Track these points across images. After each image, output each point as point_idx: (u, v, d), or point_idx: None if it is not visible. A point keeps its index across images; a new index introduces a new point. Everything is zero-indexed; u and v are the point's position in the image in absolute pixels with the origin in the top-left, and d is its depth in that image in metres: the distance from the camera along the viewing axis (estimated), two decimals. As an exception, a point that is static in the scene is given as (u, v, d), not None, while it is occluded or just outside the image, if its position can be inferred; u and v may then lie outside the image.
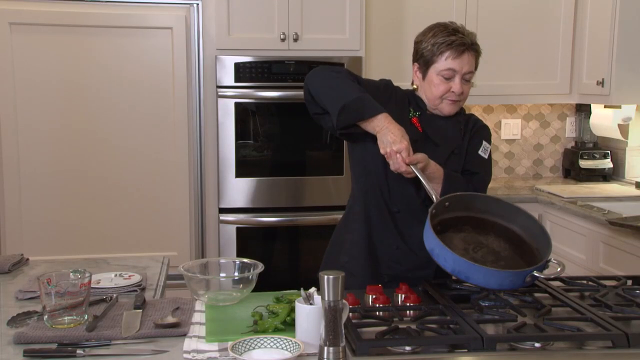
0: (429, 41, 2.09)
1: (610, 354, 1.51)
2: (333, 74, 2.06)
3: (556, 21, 4.01)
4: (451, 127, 2.18)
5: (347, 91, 1.98)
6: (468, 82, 2.11)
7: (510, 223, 1.92)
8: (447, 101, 2.11)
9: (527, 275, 1.71)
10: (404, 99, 2.18)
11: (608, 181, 4.09)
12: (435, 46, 2.06)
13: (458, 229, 1.92)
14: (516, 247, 1.90)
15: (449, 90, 2.08)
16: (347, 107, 1.95)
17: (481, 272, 1.71)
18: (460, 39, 2.05)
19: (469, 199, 1.95)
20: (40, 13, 3.48)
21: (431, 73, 2.10)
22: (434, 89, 2.10)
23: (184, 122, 3.65)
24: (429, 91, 2.12)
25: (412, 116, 2.15)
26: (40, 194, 3.58)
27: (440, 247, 1.75)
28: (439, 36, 2.07)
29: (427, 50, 2.09)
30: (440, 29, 2.09)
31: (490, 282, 1.71)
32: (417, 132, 2.13)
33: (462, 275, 1.72)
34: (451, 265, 1.72)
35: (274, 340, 1.53)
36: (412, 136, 2.08)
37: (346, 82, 2.02)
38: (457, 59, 2.05)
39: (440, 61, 2.07)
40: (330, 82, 2.03)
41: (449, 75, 2.07)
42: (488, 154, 2.23)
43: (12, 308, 1.88)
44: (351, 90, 1.98)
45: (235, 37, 3.58)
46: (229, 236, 3.65)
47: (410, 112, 2.16)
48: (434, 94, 2.11)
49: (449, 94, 2.09)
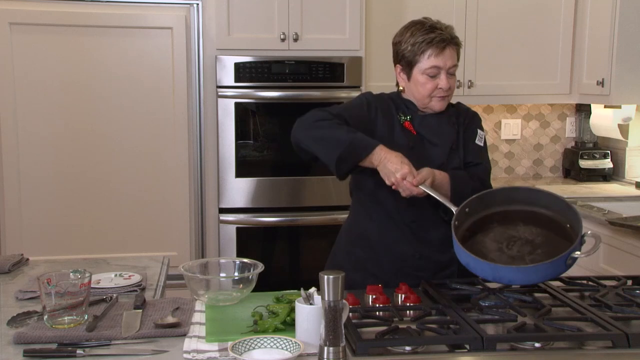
0: (408, 41, 2.08)
1: (610, 354, 1.51)
2: (317, 124, 2.02)
3: (556, 21, 4.01)
4: (445, 123, 2.17)
5: (336, 140, 1.96)
6: (453, 75, 2.11)
7: (534, 206, 1.90)
8: (436, 98, 2.11)
9: (568, 258, 1.71)
10: (390, 106, 2.17)
11: (608, 181, 4.09)
12: (416, 46, 2.06)
13: (485, 229, 1.91)
14: (548, 229, 1.87)
15: (436, 87, 2.08)
16: (342, 156, 1.96)
17: (521, 271, 1.71)
18: (440, 35, 2.05)
19: (487, 197, 1.94)
20: (40, 13, 3.48)
21: (416, 73, 2.09)
22: (421, 88, 2.09)
23: (184, 122, 3.65)
24: (416, 91, 2.12)
25: (403, 121, 2.14)
26: (40, 194, 3.58)
27: (474, 260, 1.75)
28: (417, 35, 2.06)
29: (407, 51, 2.08)
30: (417, 28, 2.08)
31: (535, 278, 1.71)
32: (411, 136, 2.13)
33: (505, 280, 1.73)
34: (491, 274, 1.73)
35: (274, 340, 1.53)
36: (407, 141, 2.10)
37: (332, 130, 1.99)
38: (439, 55, 2.05)
39: (423, 60, 2.06)
40: (317, 134, 2.00)
41: (434, 72, 2.06)
42: (484, 141, 2.24)
43: (12, 308, 1.87)
44: (340, 137, 1.96)
45: (235, 37, 3.58)
46: (229, 236, 3.65)
47: (400, 118, 2.15)
48: (423, 94, 2.10)
49: (437, 90, 2.09)
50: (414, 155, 2.07)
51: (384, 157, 1.93)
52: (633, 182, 3.90)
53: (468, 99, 4.01)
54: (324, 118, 2.03)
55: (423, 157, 2.11)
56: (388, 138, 2.09)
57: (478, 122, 2.26)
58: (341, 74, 3.63)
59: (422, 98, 2.11)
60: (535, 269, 1.71)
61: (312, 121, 2.04)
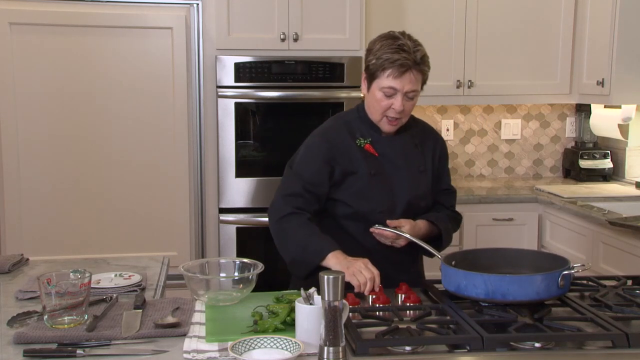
0: (375, 54, 2.05)
1: (610, 354, 1.51)
2: (283, 221, 2.06)
3: (556, 21, 4.01)
4: (409, 144, 2.17)
5: (294, 244, 2.03)
6: (411, 100, 2.07)
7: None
8: (386, 119, 2.09)
9: (560, 277, 1.71)
10: (345, 135, 2.13)
11: (608, 181, 4.09)
12: (380, 61, 2.03)
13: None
14: None
15: (390, 106, 2.05)
16: (296, 260, 2.02)
17: (515, 282, 1.70)
18: (404, 59, 2.00)
19: (472, 255, 1.97)
20: (40, 13, 3.48)
21: (374, 87, 2.07)
22: (376, 104, 2.08)
23: (184, 122, 3.65)
24: (371, 105, 2.11)
25: (363, 144, 2.12)
26: (40, 194, 3.57)
27: (465, 275, 1.75)
28: (384, 50, 2.03)
29: (372, 63, 2.06)
30: (388, 44, 2.04)
31: (528, 291, 1.69)
32: (373, 160, 2.11)
33: (498, 295, 1.70)
34: (483, 288, 1.71)
35: (274, 340, 1.53)
36: (368, 169, 2.09)
37: (293, 231, 2.03)
38: (398, 78, 2.02)
39: (382, 77, 2.04)
40: (280, 233, 2.06)
41: (390, 92, 2.04)
42: None
43: (12, 308, 1.88)
44: (297, 241, 2.01)
45: (235, 37, 3.58)
46: (229, 236, 3.65)
47: (359, 142, 2.12)
48: (376, 109, 2.09)
49: (389, 110, 2.06)
50: (376, 182, 2.09)
51: (338, 265, 1.93)
52: (633, 182, 3.90)
53: (468, 99, 4.03)
54: (291, 212, 2.05)
55: (387, 182, 2.11)
56: (352, 172, 2.09)
57: (444, 144, 2.30)
58: (341, 74, 3.63)
59: (375, 114, 2.10)
60: (529, 280, 1.71)
61: (278, 217, 2.07)
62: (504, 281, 1.70)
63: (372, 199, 2.09)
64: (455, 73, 3.96)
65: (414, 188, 2.14)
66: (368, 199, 2.09)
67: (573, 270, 1.74)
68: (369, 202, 2.09)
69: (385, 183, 2.11)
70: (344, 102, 3.62)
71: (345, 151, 2.11)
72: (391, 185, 2.11)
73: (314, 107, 3.64)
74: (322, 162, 2.10)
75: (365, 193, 2.09)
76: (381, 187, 2.10)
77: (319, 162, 2.10)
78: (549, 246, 3.64)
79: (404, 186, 2.12)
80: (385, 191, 2.11)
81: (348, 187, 2.10)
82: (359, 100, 3.64)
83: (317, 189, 2.09)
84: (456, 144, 4.35)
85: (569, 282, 1.75)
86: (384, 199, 2.10)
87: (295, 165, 2.14)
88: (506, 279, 1.71)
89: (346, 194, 2.11)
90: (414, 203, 2.14)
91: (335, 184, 2.11)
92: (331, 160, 2.10)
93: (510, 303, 1.71)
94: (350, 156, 2.11)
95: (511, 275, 1.73)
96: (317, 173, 2.10)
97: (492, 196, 3.78)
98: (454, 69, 3.95)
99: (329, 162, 2.10)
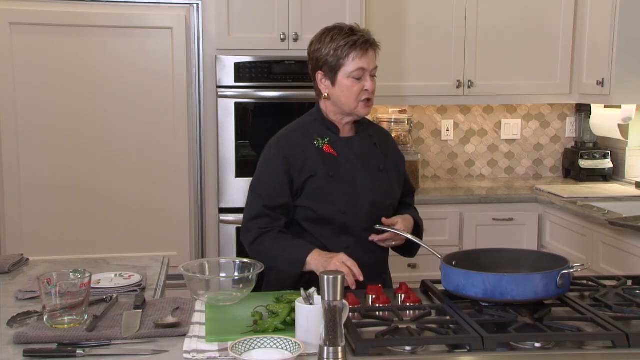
0: (328, 47, 2.05)
1: (610, 354, 1.51)
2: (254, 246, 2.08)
3: (556, 21, 4.00)
4: (367, 144, 2.17)
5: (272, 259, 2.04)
6: (374, 77, 2.10)
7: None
8: (362, 103, 2.08)
9: (559, 277, 1.71)
10: (300, 139, 2.13)
11: (608, 181, 4.09)
12: (339, 50, 2.03)
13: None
14: None
15: (362, 89, 2.06)
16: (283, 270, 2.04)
17: (514, 281, 1.70)
18: (362, 38, 2.04)
19: (472, 255, 1.98)
20: (40, 13, 3.48)
21: (341, 78, 2.06)
22: (348, 92, 2.06)
23: (184, 122, 3.65)
24: (343, 96, 2.08)
25: (321, 145, 2.11)
26: (40, 194, 3.57)
27: (465, 275, 1.75)
28: (338, 39, 2.04)
29: (330, 56, 2.05)
30: (336, 32, 2.06)
31: (527, 290, 1.69)
32: (332, 160, 2.11)
33: (496, 294, 1.70)
34: (482, 287, 1.71)
35: (274, 340, 1.53)
36: (326, 170, 2.08)
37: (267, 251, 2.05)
38: (364, 57, 2.04)
39: (347, 64, 2.04)
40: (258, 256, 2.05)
41: (359, 75, 2.05)
42: None
43: (12, 308, 1.88)
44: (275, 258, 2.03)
45: (235, 37, 3.58)
46: (229, 236, 3.65)
47: (318, 143, 2.12)
48: (350, 97, 2.07)
49: (362, 93, 2.06)
50: (336, 183, 2.08)
51: (319, 266, 1.95)
52: (633, 182, 3.90)
53: (468, 99, 4.03)
54: (259, 234, 2.07)
55: (347, 182, 2.10)
56: (310, 176, 2.08)
57: (395, 144, 2.31)
58: (341, 74, 3.63)
59: (349, 102, 2.08)
60: (528, 279, 1.71)
61: (250, 242, 2.09)
62: (502, 280, 1.70)
63: (332, 200, 2.07)
64: (455, 73, 3.96)
65: (376, 187, 2.13)
66: (328, 200, 2.07)
67: (572, 270, 1.74)
68: (330, 204, 2.07)
69: (345, 183, 2.09)
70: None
71: (301, 156, 2.09)
72: (352, 185, 2.10)
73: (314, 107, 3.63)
74: (279, 174, 2.08)
75: (325, 195, 2.07)
76: (341, 187, 2.08)
77: (276, 175, 2.08)
78: (549, 246, 3.64)
79: (365, 185, 2.11)
80: (347, 191, 2.09)
81: (308, 191, 2.08)
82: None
83: (278, 204, 2.08)
84: (456, 144, 4.35)
85: (568, 282, 1.75)
86: (345, 199, 2.08)
87: (254, 185, 2.14)
88: (505, 278, 1.71)
89: (307, 198, 2.09)
90: (377, 201, 2.12)
91: (297, 191, 2.09)
92: (289, 169, 2.08)
93: (509, 302, 1.71)
94: (307, 160, 2.09)
95: (510, 275, 1.73)
96: (275, 187, 2.08)
97: (492, 196, 3.78)
98: (454, 69, 3.95)
99: (286, 172, 2.08)
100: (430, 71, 3.92)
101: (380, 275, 2.16)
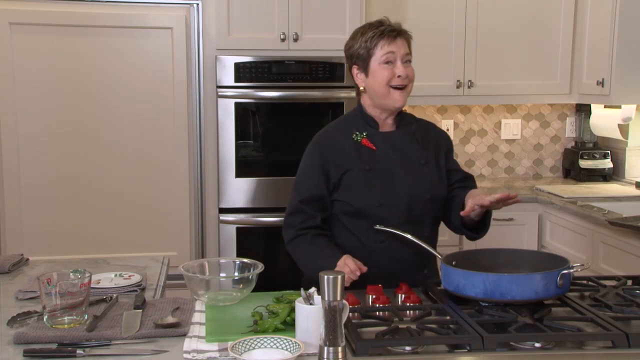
0: (359, 41, 2.13)
1: (610, 354, 1.51)
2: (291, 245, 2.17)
3: (556, 21, 4.00)
4: (407, 138, 2.19)
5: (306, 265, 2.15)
6: (409, 65, 2.13)
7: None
8: (395, 91, 2.10)
9: (559, 277, 1.71)
10: (337, 135, 2.17)
11: (608, 181, 4.09)
12: (368, 41, 2.10)
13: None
14: None
15: (393, 75, 2.09)
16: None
17: (514, 281, 1.70)
18: (389, 27, 2.12)
19: (472, 255, 1.98)
20: (40, 13, 3.48)
21: (373, 65, 2.11)
22: (379, 76, 2.10)
23: (184, 122, 3.65)
24: (375, 83, 2.12)
25: (360, 139, 2.14)
26: (40, 194, 3.57)
27: (465, 275, 1.75)
28: (367, 33, 2.12)
29: (361, 48, 2.12)
30: (366, 28, 2.15)
31: (527, 290, 1.69)
32: (371, 154, 2.13)
33: (496, 294, 1.70)
34: (482, 287, 1.71)
35: (274, 340, 1.53)
36: (363, 164, 2.10)
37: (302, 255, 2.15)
38: (392, 43, 2.09)
39: (377, 51, 2.10)
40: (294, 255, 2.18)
41: (389, 58, 2.09)
42: None
43: (12, 308, 1.88)
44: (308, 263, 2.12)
45: (235, 37, 3.58)
46: (229, 236, 3.65)
47: (355, 137, 2.15)
48: (381, 82, 2.10)
49: (394, 79, 2.09)
50: (372, 176, 2.10)
51: None
52: (633, 182, 3.90)
53: (468, 99, 4.03)
54: (295, 236, 2.15)
55: (385, 175, 2.11)
56: (346, 170, 2.11)
57: (447, 137, 2.31)
58: (341, 74, 3.63)
59: (382, 88, 2.10)
60: (528, 279, 1.71)
61: (287, 242, 2.18)
62: (502, 280, 1.70)
63: (368, 193, 2.09)
64: (455, 73, 3.96)
65: (416, 181, 2.13)
66: (364, 193, 2.09)
67: (572, 270, 1.74)
68: (365, 197, 2.09)
69: (383, 177, 2.11)
70: (344, 102, 3.62)
71: (338, 151, 2.13)
72: (390, 179, 2.11)
73: (314, 107, 3.64)
74: (315, 169, 2.14)
75: (361, 188, 2.10)
76: (378, 181, 2.10)
77: (313, 170, 2.14)
78: (549, 246, 3.64)
79: (404, 179, 2.12)
80: (383, 185, 2.10)
81: (345, 184, 2.12)
82: (359, 100, 3.65)
83: (313, 198, 2.13)
84: (456, 144, 4.34)
85: (568, 282, 1.75)
86: (382, 192, 2.10)
87: (295, 181, 2.21)
88: (505, 278, 1.71)
89: (344, 192, 2.12)
90: (416, 195, 2.12)
91: (334, 185, 2.13)
92: (325, 164, 2.13)
93: (509, 302, 1.71)
94: (344, 154, 2.12)
95: (510, 275, 1.73)
96: (311, 181, 2.14)
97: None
98: (454, 69, 3.95)
99: (322, 167, 2.13)
100: (430, 71, 3.91)
101: (421, 270, 2.14)
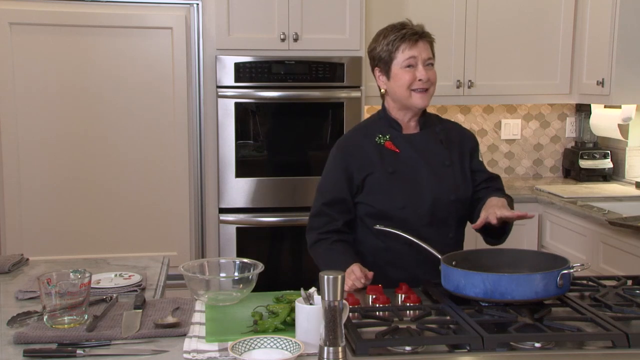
0: (381, 43, 2.14)
1: (610, 354, 1.51)
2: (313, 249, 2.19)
3: (556, 21, 4.00)
4: (431, 140, 2.19)
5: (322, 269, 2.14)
6: (431, 68, 2.14)
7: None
8: (416, 93, 2.11)
9: (559, 277, 1.71)
10: (361, 138, 2.18)
11: (608, 181, 4.09)
12: (390, 44, 2.11)
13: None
14: None
15: (415, 79, 2.10)
16: None
17: (514, 280, 1.70)
18: (411, 30, 2.12)
19: (472, 255, 1.98)
20: (40, 13, 3.48)
21: (394, 69, 2.12)
22: (400, 80, 2.11)
23: (184, 122, 3.65)
24: (396, 87, 2.13)
25: (383, 142, 2.16)
26: (40, 194, 3.57)
27: (465, 275, 1.75)
28: (389, 36, 2.12)
29: (383, 51, 2.13)
30: (389, 30, 2.15)
31: (527, 290, 1.69)
32: (395, 156, 2.14)
33: (496, 294, 1.70)
34: (482, 287, 1.71)
35: (274, 340, 1.53)
36: (386, 167, 2.11)
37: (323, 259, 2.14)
38: (414, 47, 2.10)
39: (398, 55, 2.10)
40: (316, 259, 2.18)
41: (410, 63, 2.10)
42: None
43: (12, 308, 1.88)
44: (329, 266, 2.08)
45: (235, 37, 3.58)
46: (229, 236, 3.65)
47: (378, 140, 2.16)
48: (402, 85, 2.11)
49: (415, 82, 2.10)
50: (395, 179, 2.11)
51: None
52: (633, 182, 3.90)
53: (468, 99, 4.03)
54: (316, 240, 2.17)
55: (408, 178, 2.12)
56: (369, 174, 2.13)
57: (473, 137, 2.29)
58: (341, 74, 3.63)
59: (403, 92, 2.12)
60: (528, 279, 1.70)
61: (309, 245, 2.21)
62: (502, 280, 1.70)
63: (391, 196, 2.10)
64: (455, 73, 3.96)
65: (440, 183, 2.13)
66: (387, 195, 2.10)
67: (572, 270, 1.74)
68: (388, 199, 2.10)
69: (406, 179, 2.12)
70: (344, 102, 3.62)
71: (361, 154, 2.15)
72: (413, 182, 2.12)
73: (314, 107, 3.64)
74: (337, 172, 2.17)
75: (383, 190, 2.11)
76: (402, 183, 2.11)
77: (334, 173, 2.18)
78: (549, 246, 3.64)
79: (427, 182, 2.12)
80: (407, 187, 2.11)
81: (368, 187, 2.14)
82: (359, 100, 3.65)
83: (335, 200, 2.15)
84: (456, 144, 4.35)
85: (568, 282, 1.75)
86: (405, 195, 2.10)
87: (319, 184, 2.23)
88: (504, 278, 1.71)
89: (367, 194, 2.14)
90: (440, 198, 2.13)
91: (357, 187, 2.15)
92: (348, 167, 2.15)
93: (509, 302, 1.71)
94: (367, 157, 2.14)
95: (509, 275, 1.73)
96: (333, 184, 2.17)
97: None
98: (454, 69, 3.95)
99: (345, 170, 2.15)
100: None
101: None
